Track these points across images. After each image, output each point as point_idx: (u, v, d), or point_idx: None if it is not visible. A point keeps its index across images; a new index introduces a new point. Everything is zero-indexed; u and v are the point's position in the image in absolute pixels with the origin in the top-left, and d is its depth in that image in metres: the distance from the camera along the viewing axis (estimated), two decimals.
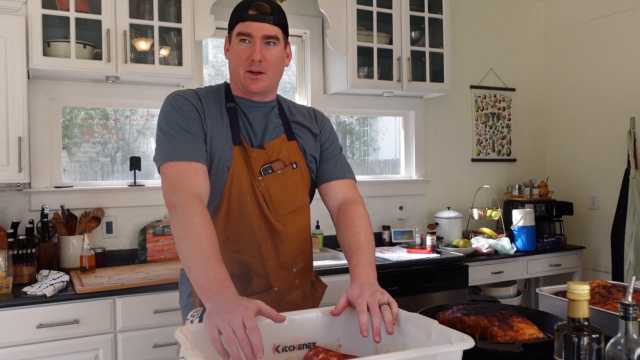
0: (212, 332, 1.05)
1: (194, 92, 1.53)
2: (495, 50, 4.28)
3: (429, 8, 3.60)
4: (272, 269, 1.53)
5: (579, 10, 4.19)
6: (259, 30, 1.47)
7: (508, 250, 3.53)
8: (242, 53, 1.48)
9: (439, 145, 4.08)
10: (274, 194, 1.53)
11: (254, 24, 1.47)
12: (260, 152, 1.52)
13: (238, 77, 1.52)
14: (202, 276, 1.20)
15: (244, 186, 1.49)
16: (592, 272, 4.06)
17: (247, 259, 1.51)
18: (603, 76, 4.01)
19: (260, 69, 1.49)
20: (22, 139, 2.56)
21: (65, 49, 2.67)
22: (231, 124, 1.52)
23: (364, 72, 3.47)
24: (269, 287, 1.52)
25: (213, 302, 1.12)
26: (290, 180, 1.56)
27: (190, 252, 1.24)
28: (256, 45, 1.47)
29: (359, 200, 1.61)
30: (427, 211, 4.00)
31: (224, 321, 1.04)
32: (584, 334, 0.91)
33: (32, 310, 2.30)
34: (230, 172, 1.48)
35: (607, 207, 3.94)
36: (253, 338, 1.02)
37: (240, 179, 1.49)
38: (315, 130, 1.65)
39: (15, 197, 2.85)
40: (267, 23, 1.48)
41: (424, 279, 3.14)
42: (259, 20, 1.47)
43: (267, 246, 1.52)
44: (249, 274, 1.51)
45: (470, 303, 1.49)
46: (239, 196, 1.49)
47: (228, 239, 1.49)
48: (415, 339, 1.14)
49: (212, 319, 1.07)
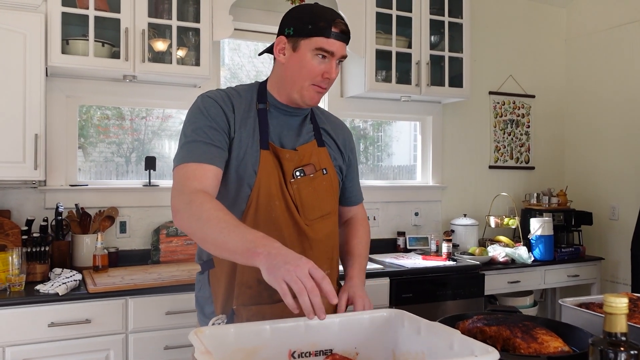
0: (280, 286, 1.04)
1: (224, 94, 1.50)
2: (515, 56, 4.22)
3: (449, 12, 3.56)
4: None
5: (601, 18, 4.12)
6: (340, 50, 1.46)
7: (525, 260, 3.47)
8: (317, 68, 1.45)
9: (456, 152, 4.03)
10: (305, 198, 1.50)
11: (338, 43, 1.45)
12: (294, 153, 1.50)
13: (299, 88, 1.48)
14: (241, 241, 1.15)
15: (273, 190, 1.46)
16: (611, 283, 3.98)
17: None
18: (624, 84, 3.94)
19: (327, 85, 1.49)
20: (39, 137, 2.55)
21: (84, 47, 2.67)
22: (260, 126, 1.49)
23: (382, 76, 3.43)
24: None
25: (267, 257, 1.09)
26: (321, 186, 1.54)
27: (217, 229, 1.20)
28: (333, 64, 1.46)
29: (365, 218, 1.80)
30: (442, 218, 3.95)
31: (291, 273, 1.04)
32: (621, 349, 0.87)
33: (44, 308, 2.29)
34: (259, 175, 1.45)
35: (627, 218, 3.86)
36: (325, 285, 1.04)
37: (269, 182, 1.46)
38: (342, 145, 1.65)
39: (31, 195, 2.85)
40: (345, 43, 1.48)
41: (440, 286, 3.09)
42: (341, 40, 1.45)
43: (296, 252, 1.49)
44: None
45: (491, 313, 1.45)
46: (268, 200, 1.45)
47: None
48: (437, 349, 1.10)
49: (277, 273, 1.05)
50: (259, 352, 1.10)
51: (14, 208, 2.80)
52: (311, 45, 1.44)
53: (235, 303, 1.44)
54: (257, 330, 1.11)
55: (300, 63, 1.46)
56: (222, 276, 1.47)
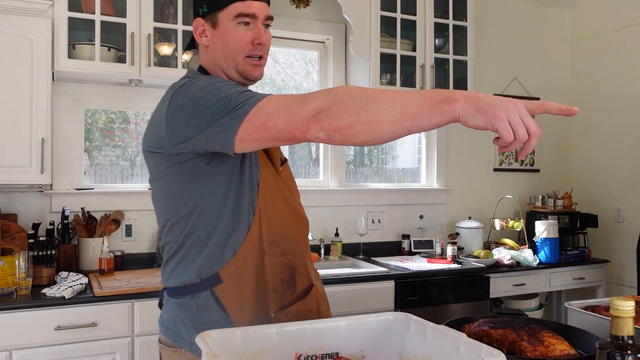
0: (505, 128, 0.95)
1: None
2: (520, 58, 4.22)
3: (453, 15, 3.56)
4: (309, 263, 1.46)
5: (606, 20, 4.11)
6: (262, 10, 1.34)
7: (531, 262, 3.46)
8: (243, 36, 1.33)
9: (461, 154, 4.03)
10: (291, 184, 1.47)
11: (257, 3, 1.33)
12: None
13: (234, 65, 1.36)
14: (421, 98, 1.01)
15: (271, 181, 1.37)
16: (617, 286, 3.96)
17: (291, 260, 1.39)
18: (629, 86, 3.93)
19: (262, 53, 1.37)
20: (45, 141, 2.57)
21: (90, 52, 2.69)
22: None
23: (387, 79, 3.44)
24: (310, 283, 1.44)
25: (469, 101, 0.97)
26: (289, 170, 1.53)
27: (386, 100, 1.03)
28: (259, 27, 1.34)
29: None
30: (447, 221, 3.95)
31: (514, 113, 0.95)
32: (628, 352, 0.87)
33: (50, 312, 2.30)
34: (261, 168, 1.35)
35: (633, 220, 3.85)
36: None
37: (266, 173, 1.37)
38: None
39: (37, 199, 2.87)
40: (266, 2, 1.37)
41: (444, 289, 3.09)
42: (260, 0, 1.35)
43: (302, 240, 1.44)
44: (294, 275, 1.39)
45: (497, 316, 1.45)
46: (271, 193, 1.36)
47: (274, 242, 1.35)
48: (443, 351, 1.10)
49: (497, 112, 0.95)
50: (266, 356, 1.10)
51: (21, 212, 2.82)
52: (229, 15, 1.32)
53: (271, 311, 1.33)
54: (264, 334, 1.11)
55: (225, 37, 1.34)
56: (238, 288, 1.31)
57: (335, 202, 3.59)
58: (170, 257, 1.37)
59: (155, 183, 1.37)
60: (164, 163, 1.30)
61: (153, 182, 1.38)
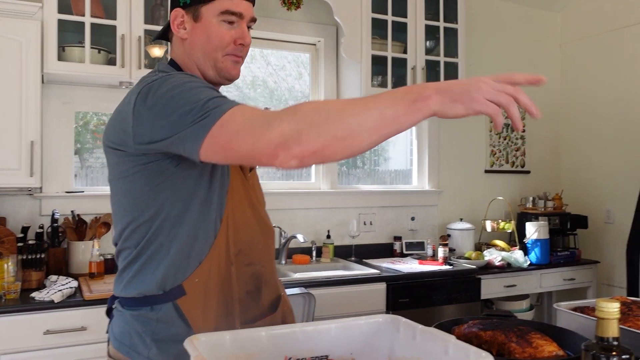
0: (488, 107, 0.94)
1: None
2: (511, 60, 4.24)
3: (444, 17, 3.58)
4: (275, 273, 1.42)
5: (596, 22, 4.15)
6: (249, 11, 1.30)
7: (521, 264, 3.48)
8: (226, 35, 1.28)
9: (452, 156, 4.04)
10: (258, 191, 1.41)
11: (244, 3, 1.29)
12: None
13: (212, 62, 1.30)
14: (393, 101, 0.97)
15: (240, 188, 1.31)
16: (607, 287, 3.99)
17: (258, 270, 1.34)
18: (619, 88, 3.96)
19: (243, 54, 1.32)
20: (35, 144, 2.55)
21: (80, 54, 2.67)
22: None
23: (378, 81, 3.44)
24: (277, 293, 1.41)
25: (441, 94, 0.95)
26: (256, 176, 1.45)
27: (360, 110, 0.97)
28: (244, 28, 1.30)
29: None
30: (439, 222, 3.96)
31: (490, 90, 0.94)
32: (613, 354, 0.87)
33: (39, 316, 2.29)
34: (229, 174, 1.30)
35: (622, 221, 3.87)
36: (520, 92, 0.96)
37: (235, 180, 1.30)
38: None
39: (26, 202, 2.85)
40: (252, 3, 1.33)
41: (436, 291, 3.10)
42: (248, 0, 1.31)
43: (268, 249, 1.40)
44: (259, 285, 1.35)
45: (487, 317, 1.45)
46: (239, 200, 1.30)
47: (241, 251, 1.30)
48: (432, 354, 1.10)
49: (475, 96, 0.94)
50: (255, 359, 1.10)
51: (10, 215, 2.80)
52: (215, 10, 1.27)
53: (237, 323, 1.27)
54: (253, 337, 1.11)
55: (206, 33, 1.28)
56: (202, 300, 1.24)
57: (327, 204, 3.59)
58: (127, 264, 1.28)
59: (116, 183, 1.28)
60: (128, 162, 1.21)
61: (113, 182, 1.29)
